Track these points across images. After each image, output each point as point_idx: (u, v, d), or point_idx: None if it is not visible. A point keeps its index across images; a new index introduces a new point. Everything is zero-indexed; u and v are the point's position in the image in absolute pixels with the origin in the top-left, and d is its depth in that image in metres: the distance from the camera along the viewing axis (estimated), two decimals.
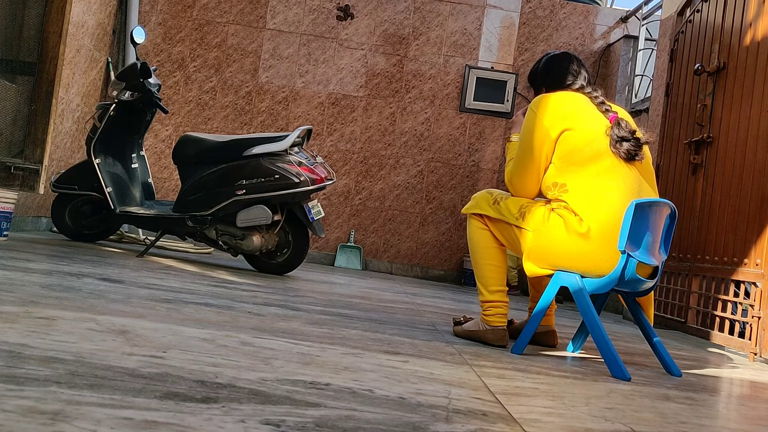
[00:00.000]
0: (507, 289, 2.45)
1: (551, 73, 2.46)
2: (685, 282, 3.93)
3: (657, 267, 2.26)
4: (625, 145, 2.18)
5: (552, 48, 6.55)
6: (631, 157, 2.19)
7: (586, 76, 2.47)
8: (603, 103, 2.34)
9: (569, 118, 2.22)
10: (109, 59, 5.92)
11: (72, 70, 5.12)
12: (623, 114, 2.39)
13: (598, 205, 2.12)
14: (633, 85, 6.19)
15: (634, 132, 2.24)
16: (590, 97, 2.35)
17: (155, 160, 6.30)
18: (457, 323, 2.58)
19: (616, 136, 2.19)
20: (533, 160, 2.25)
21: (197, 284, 2.89)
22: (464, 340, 2.41)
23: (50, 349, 1.27)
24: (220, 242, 4.06)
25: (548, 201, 2.25)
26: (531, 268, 2.26)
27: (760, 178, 3.22)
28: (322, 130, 6.44)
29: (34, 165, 3.26)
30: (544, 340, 2.60)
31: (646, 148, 2.29)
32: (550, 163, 2.25)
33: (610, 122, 2.24)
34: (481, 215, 2.47)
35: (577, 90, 2.39)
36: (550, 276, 2.26)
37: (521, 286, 5.98)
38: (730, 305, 3.41)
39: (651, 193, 2.24)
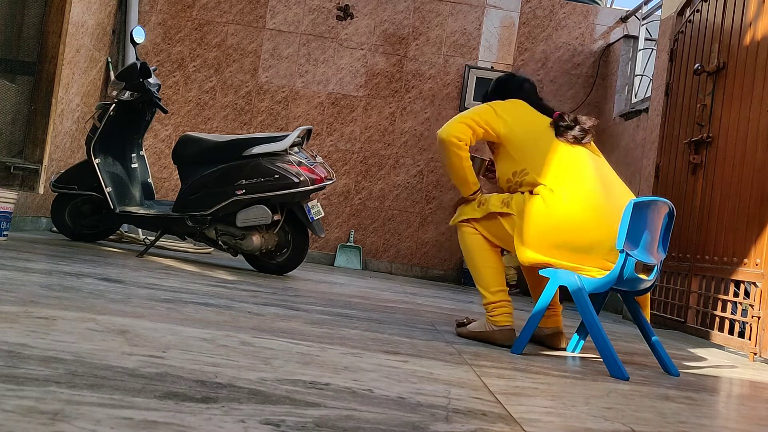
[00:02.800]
0: (508, 289, 2.47)
1: (497, 91, 2.71)
2: (685, 282, 3.93)
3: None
4: (571, 132, 2.45)
5: (552, 47, 6.55)
6: (577, 141, 2.45)
7: (529, 88, 2.69)
8: (545, 106, 2.60)
9: (515, 115, 2.50)
10: (109, 59, 5.92)
11: (72, 69, 5.12)
12: None
13: (563, 173, 2.33)
14: (633, 85, 6.19)
15: (576, 120, 2.49)
16: (530, 102, 2.59)
17: (155, 160, 6.30)
18: (460, 324, 2.56)
19: (560, 127, 2.46)
20: (475, 113, 2.49)
21: (197, 284, 2.89)
22: (464, 339, 2.41)
23: (50, 349, 1.27)
24: (220, 242, 4.06)
25: (513, 191, 2.46)
26: (525, 254, 2.32)
27: (760, 177, 3.22)
28: (321, 130, 6.44)
29: (33, 165, 3.26)
30: (551, 341, 2.58)
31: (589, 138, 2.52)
32: (499, 156, 2.51)
33: (554, 117, 2.50)
34: (468, 220, 2.55)
35: (521, 98, 2.61)
36: (545, 266, 2.31)
37: (521, 285, 5.98)
38: (729, 305, 3.41)
39: (606, 165, 2.48)
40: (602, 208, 2.26)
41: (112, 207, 4.12)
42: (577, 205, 2.26)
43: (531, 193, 2.36)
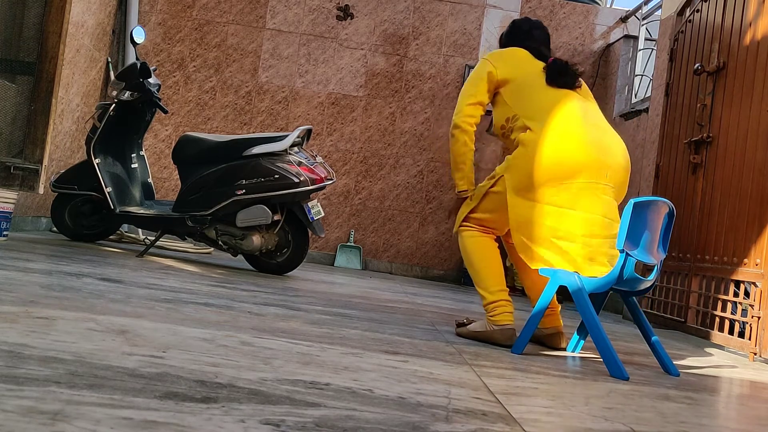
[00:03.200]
0: (508, 289, 2.47)
1: (510, 36, 2.82)
2: (685, 282, 3.93)
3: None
4: (562, 78, 2.49)
5: (552, 48, 6.54)
6: (568, 86, 2.50)
7: (537, 35, 2.76)
8: (542, 53, 2.64)
9: (510, 63, 2.57)
10: (109, 59, 5.92)
11: (72, 69, 5.12)
12: None
13: (550, 118, 2.38)
14: (633, 84, 6.19)
15: (566, 65, 2.53)
16: (529, 49, 2.64)
17: (155, 160, 6.30)
18: (460, 325, 2.55)
19: (552, 72, 2.50)
20: (472, 88, 2.56)
21: (197, 284, 2.89)
22: (464, 340, 2.41)
23: (50, 349, 1.27)
24: (220, 242, 4.06)
25: (506, 138, 2.55)
26: (515, 202, 2.37)
27: (760, 177, 3.22)
28: (321, 130, 6.44)
29: (33, 165, 3.26)
30: (550, 341, 2.57)
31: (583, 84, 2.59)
32: (496, 103, 2.58)
33: (547, 63, 2.55)
34: (467, 218, 2.58)
35: (520, 46, 2.68)
36: (537, 270, 2.33)
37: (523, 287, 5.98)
38: (729, 305, 3.41)
39: (595, 109, 2.52)
40: (585, 137, 2.34)
41: (112, 207, 4.12)
42: (559, 143, 2.33)
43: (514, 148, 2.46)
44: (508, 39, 2.79)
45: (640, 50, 6.18)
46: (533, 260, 2.33)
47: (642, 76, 6.14)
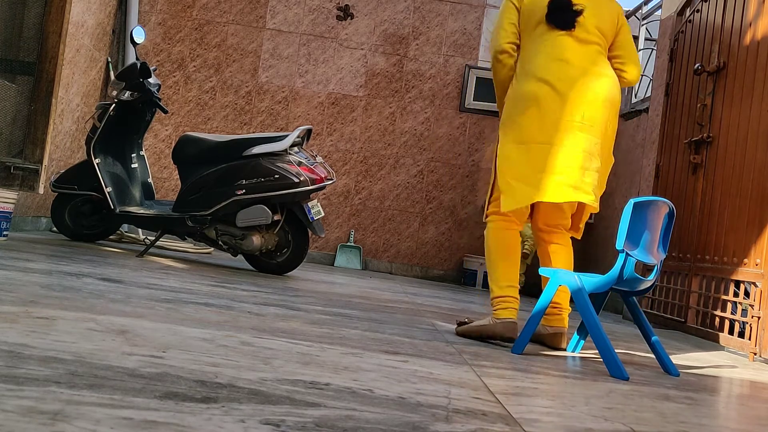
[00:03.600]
0: (518, 287, 2.48)
1: None
2: (685, 282, 3.93)
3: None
4: (561, 16, 2.50)
5: None
6: (566, 27, 2.50)
7: None
8: None
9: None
10: (109, 59, 5.92)
11: (72, 69, 5.12)
12: None
13: (538, 59, 2.50)
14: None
15: (569, 5, 2.51)
16: None
17: (155, 160, 6.30)
18: (461, 324, 2.55)
19: (551, 11, 2.51)
20: (502, 17, 2.61)
21: (197, 284, 2.89)
22: (464, 340, 2.41)
23: (50, 349, 1.27)
24: (220, 242, 4.06)
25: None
26: (501, 144, 2.54)
27: (760, 177, 3.22)
28: (322, 130, 6.44)
29: (33, 165, 3.26)
30: (551, 341, 2.56)
31: (589, 19, 2.53)
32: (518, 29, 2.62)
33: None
34: (491, 208, 2.60)
35: None
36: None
37: (525, 288, 5.99)
38: (729, 305, 3.41)
39: (588, 51, 2.51)
40: (565, 83, 2.44)
41: (112, 207, 4.12)
42: (535, 85, 2.46)
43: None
44: None
45: (640, 50, 6.18)
46: (515, 198, 2.45)
47: (642, 76, 6.13)
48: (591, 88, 2.44)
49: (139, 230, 5.21)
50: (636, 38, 6.27)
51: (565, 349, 2.56)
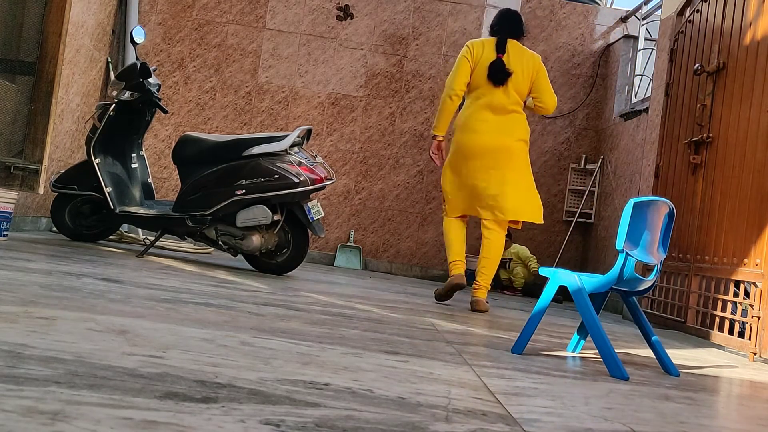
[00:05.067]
0: (463, 254, 3.79)
1: (491, 26, 3.96)
2: (685, 282, 3.93)
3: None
4: (494, 76, 3.70)
5: (552, 48, 6.55)
6: (499, 84, 3.71)
7: (507, 26, 3.87)
8: (502, 44, 3.76)
9: (477, 53, 3.77)
10: (109, 59, 5.92)
11: (72, 69, 5.12)
12: (513, 49, 3.78)
13: (469, 107, 3.80)
14: (633, 85, 6.19)
15: (501, 65, 3.69)
16: (497, 40, 3.78)
17: (155, 160, 6.30)
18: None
19: (490, 70, 3.71)
20: (459, 67, 3.79)
21: (197, 284, 2.89)
22: (464, 339, 2.41)
23: (50, 349, 1.27)
24: (220, 242, 4.05)
25: None
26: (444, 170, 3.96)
27: (760, 177, 3.22)
28: (321, 130, 6.44)
29: (33, 165, 3.26)
30: (471, 306, 3.70)
31: (519, 75, 3.73)
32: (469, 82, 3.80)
33: (492, 62, 3.71)
34: (445, 211, 3.94)
35: (493, 36, 3.86)
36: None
37: (525, 289, 6.00)
38: (729, 305, 3.41)
39: (507, 103, 3.73)
40: (473, 127, 3.74)
41: (112, 207, 4.12)
42: (458, 130, 3.82)
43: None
44: (490, 29, 3.94)
45: (640, 50, 6.18)
46: (451, 208, 3.86)
47: (642, 76, 6.14)
48: (504, 140, 3.73)
49: (139, 230, 5.21)
50: (636, 38, 6.27)
51: (483, 311, 3.64)
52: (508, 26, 3.82)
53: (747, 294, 3.25)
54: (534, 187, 3.84)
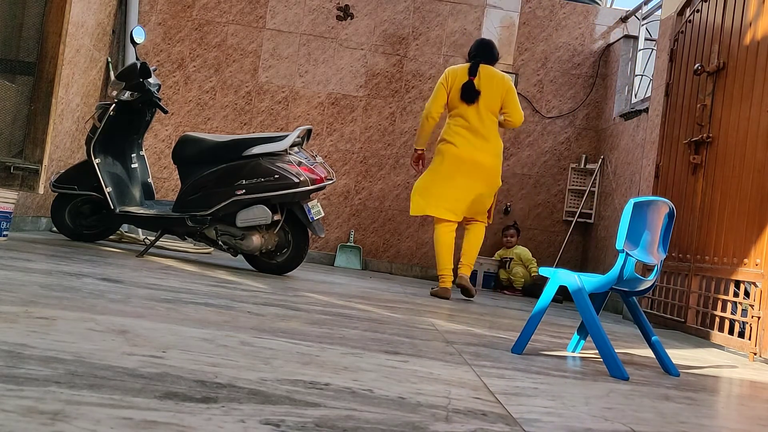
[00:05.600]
0: (451, 267, 4.36)
1: (468, 54, 4.59)
2: (685, 282, 3.93)
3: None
4: (466, 95, 4.31)
5: (552, 47, 6.55)
6: (471, 103, 4.32)
7: (481, 52, 4.48)
8: (474, 68, 4.37)
9: (453, 79, 4.37)
10: (109, 59, 5.92)
11: (72, 69, 5.12)
12: (485, 72, 4.38)
13: (449, 126, 4.41)
14: (633, 85, 6.19)
15: (471, 86, 4.31)
16: (471, 65, 4.39)
17: (155, 160, 6.30)
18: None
19: (462, 91, 4.34)
20: (436, 93, 4.41)
21: (197, 284, 2.89)
22: (464, 340, 2.41)
23: (50, 349, 1.27)
24: (220, 242, 4.05)
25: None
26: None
27: (760, 178, 3.22)
28: (321, 130, 6.44)
29: (33, 165, 3.26)
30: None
31: (489, 94, 4.34)
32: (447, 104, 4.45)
33: (464, 83, 4.33)
34: (434, 219, 4.52)
35: (468, 62, 4.48)
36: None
37: (526, 290, 6.01)
38: (729, 305, 3.41)
39: (483, 120, 4.33)
40: (457, 141, 4.33)
41: (112, 207, 4.12)
42: (442, 142, 4.40)
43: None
44: (467, 56, 4.54)
45: (640, 50, 6.18)
46: (413, 208, 4.48)
47: (642, 76, 6.14)
48: (473, 154, 4.31)
49: (139, 230, 5.21)
50: (636, 38, 6.27)
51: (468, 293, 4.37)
52: (482, 53, 4.43)
53: (747, 294, 3.25)
54: (493, 195, 4.47)
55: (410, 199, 4.43)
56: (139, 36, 4.34)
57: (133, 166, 4.45)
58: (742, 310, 3.32)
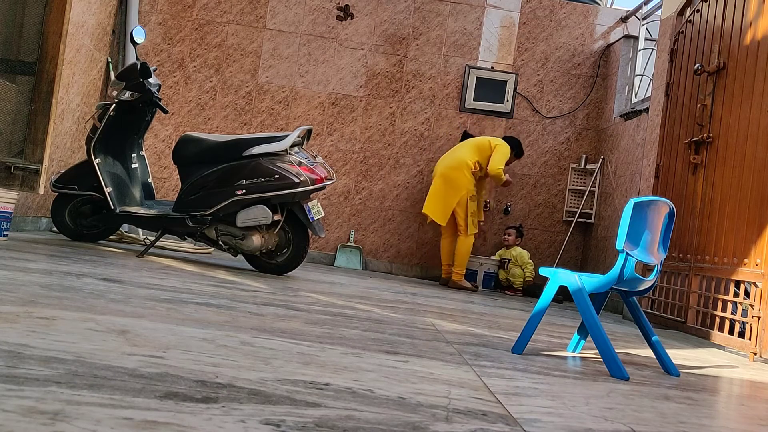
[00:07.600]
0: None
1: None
2: (685, 282, 3.93)
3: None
4: (463, 138, 5.90)
5: (552, 48, 6.55)
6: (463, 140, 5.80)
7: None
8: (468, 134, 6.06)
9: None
10: (109, 59, 5.92)
11: (72, 70, 5.12)
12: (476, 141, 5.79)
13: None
14: (633, 85, 6.19)
15: (465, 133, 6.10)
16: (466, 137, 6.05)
17: (155, 160, 6.30)
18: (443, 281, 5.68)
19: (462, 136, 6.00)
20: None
21: (197, 284, 2.89)
22: (464, 340, 2.41)
23: (50, 349, 1.27)
24: (220, 242, 4.05)
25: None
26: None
27: (760, 178, 3.22)
28: (322, 130, 6.44)
29: (34, 165, 3.26)
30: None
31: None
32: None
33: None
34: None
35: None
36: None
37: (526, 290, 6.00)
38: (730, 305, 3.41)
39: (463, 146, 5.71)
40: (440, 162, 5.76)
41: (112, 207, 4.12)
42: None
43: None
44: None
45: (640, 50, 6.18)
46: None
47: (642, 76, 6.14)
48: (442, 164, 5.64)
49: (139, 230, 5.21)
50: (636, 38, 6.27)
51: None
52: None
53: (747, 294, 3.25)
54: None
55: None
56: (140, 36, 4.34)
57: (133, 166, 4.45)
58: (743, 310, 3.32)
